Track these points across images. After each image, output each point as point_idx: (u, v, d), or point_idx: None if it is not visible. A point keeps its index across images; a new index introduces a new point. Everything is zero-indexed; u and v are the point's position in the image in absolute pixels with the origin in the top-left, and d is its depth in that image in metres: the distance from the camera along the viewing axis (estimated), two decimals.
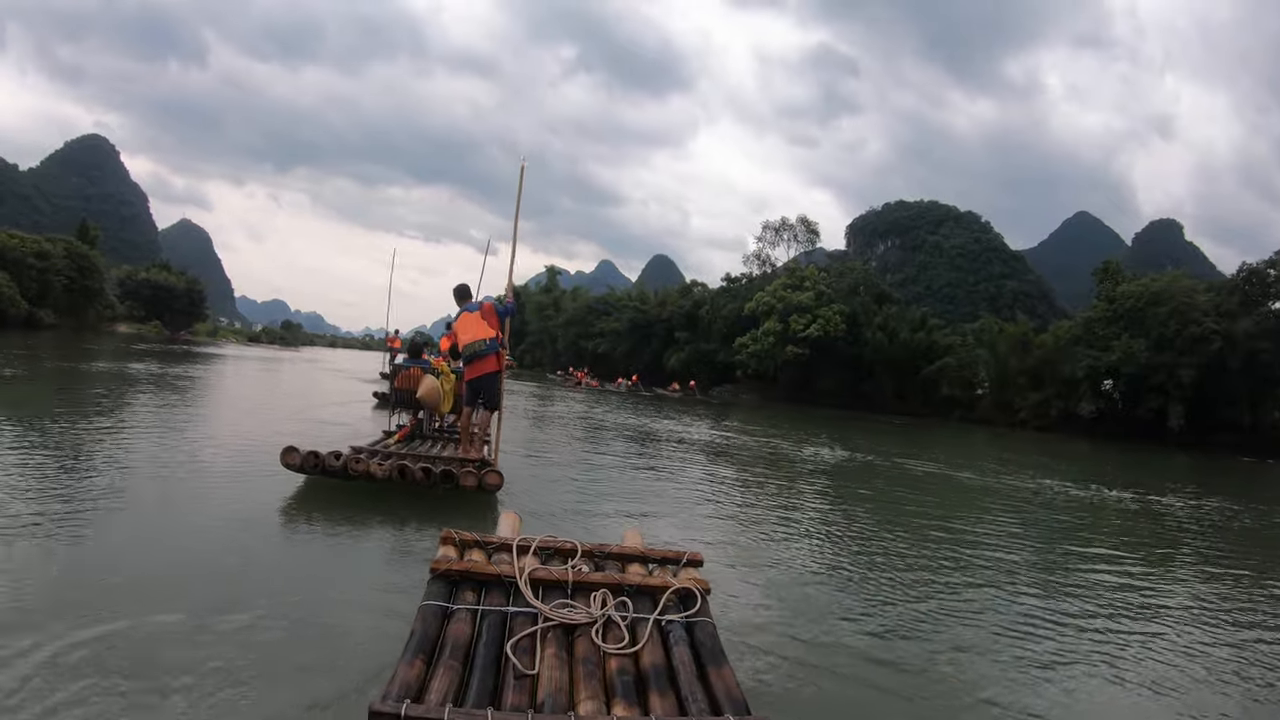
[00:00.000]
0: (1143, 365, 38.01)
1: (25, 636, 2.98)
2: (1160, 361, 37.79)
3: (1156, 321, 38.98)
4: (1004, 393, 44.09)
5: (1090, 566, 6.94)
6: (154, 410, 11.68)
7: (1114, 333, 40.47)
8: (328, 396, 17.49)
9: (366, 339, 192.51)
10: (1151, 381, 38.01)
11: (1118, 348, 39.09)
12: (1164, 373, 37.65)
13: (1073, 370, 40.09)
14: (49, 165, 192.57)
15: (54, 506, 4.98)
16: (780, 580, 5.26)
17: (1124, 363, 38.52)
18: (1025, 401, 42.33)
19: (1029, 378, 42.84)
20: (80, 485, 5.74)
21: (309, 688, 2.87)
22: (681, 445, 14.63)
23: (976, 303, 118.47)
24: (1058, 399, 40.80)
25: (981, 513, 9.62)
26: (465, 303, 7.48)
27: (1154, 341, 38.52)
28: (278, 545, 4.96)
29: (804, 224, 65.87)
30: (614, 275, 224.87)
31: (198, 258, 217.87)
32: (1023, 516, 9.72)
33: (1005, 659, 4.09)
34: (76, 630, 3.09)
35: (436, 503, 6.19)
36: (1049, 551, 7.55)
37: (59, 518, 4.73)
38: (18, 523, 4.50)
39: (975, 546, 7.16)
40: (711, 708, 2.31)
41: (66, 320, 54.83)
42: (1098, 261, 48.94)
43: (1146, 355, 38.10)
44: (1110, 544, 8.30)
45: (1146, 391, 38.26)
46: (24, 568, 3.81)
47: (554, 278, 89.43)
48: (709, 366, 57.55)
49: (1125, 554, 7.69)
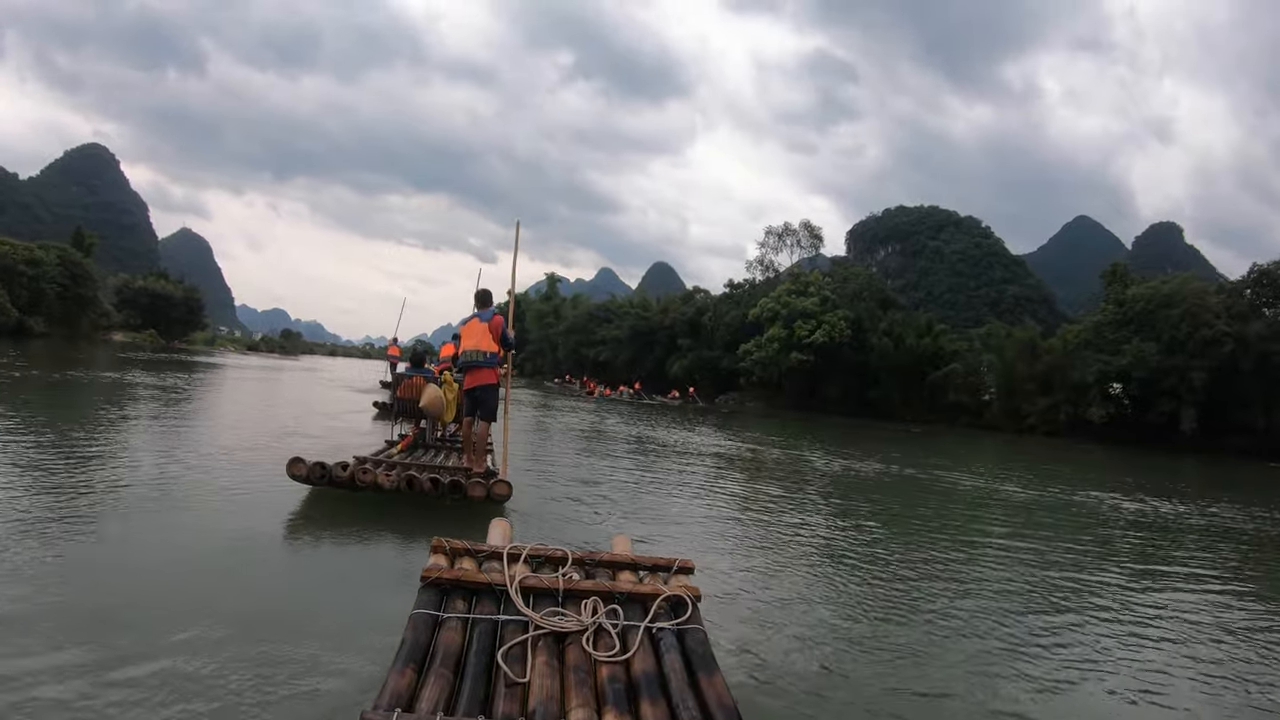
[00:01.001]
0: (1154, 369, 37.89)
1: (60, 653, 3.02)
2: (1172, 365, 37.67)
3: (1168, 324, 38.88)
4: (1012, 399, 43.95)
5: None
6: (136, 424, 11.71)
7: (1124, 336, 40.36)
8: (316, 408, 17.48)
9: (366, 347, 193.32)
10: (1163, 385, 37.87)
11: (1129, 351, 38.97)
12: (1175, 376, 37.52)
13: (1083, 375, 39.96)
14: (49, 174, 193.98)
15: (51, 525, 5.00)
16: (773, 587, 5.27)
17: (1135, 366, 38.39)
18: (1034, 407, 42.18)
19: (1037, 383, 42.70)
20: (69, 518, 5.46)
21: (317, 700, 2.91)
22: (684, 455, 14.62)
23: (978, 308, 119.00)
24: (1066, 404, 40.64)
25: (1042, 528, 9.50)
26: (482, 309, 7.48)
27: (1165, 345, 38.41)
28: (284, 558, 4.98)
29: (807, 229, 65.90)
30: (614, 283, 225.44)
31: (198, 267, 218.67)
32: (1097, 535, 9.40)
33: (1016, 677, 4.07)
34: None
35: (444, 513, 6.20)
36: (1113, 570, 7.52)
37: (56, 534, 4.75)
38: (32, 528, 4.53)
39: (1028, 565, 7.08)
40: (703, 715, 2.33)
41: (59, 329, 54.52)
42: (1098, 266, 48.97)
43: (1158, 358, 37.99)
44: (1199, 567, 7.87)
45: (1158, 395, 38.12)
46: (41, 577, 3.85)
47: (554, 285, 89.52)
48: (712, 374, 57.49)
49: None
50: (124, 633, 3.27)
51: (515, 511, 6.62)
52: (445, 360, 11.14)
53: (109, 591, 3.82)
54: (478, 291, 7.67)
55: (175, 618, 3.50)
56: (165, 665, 3.01)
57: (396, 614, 3.78)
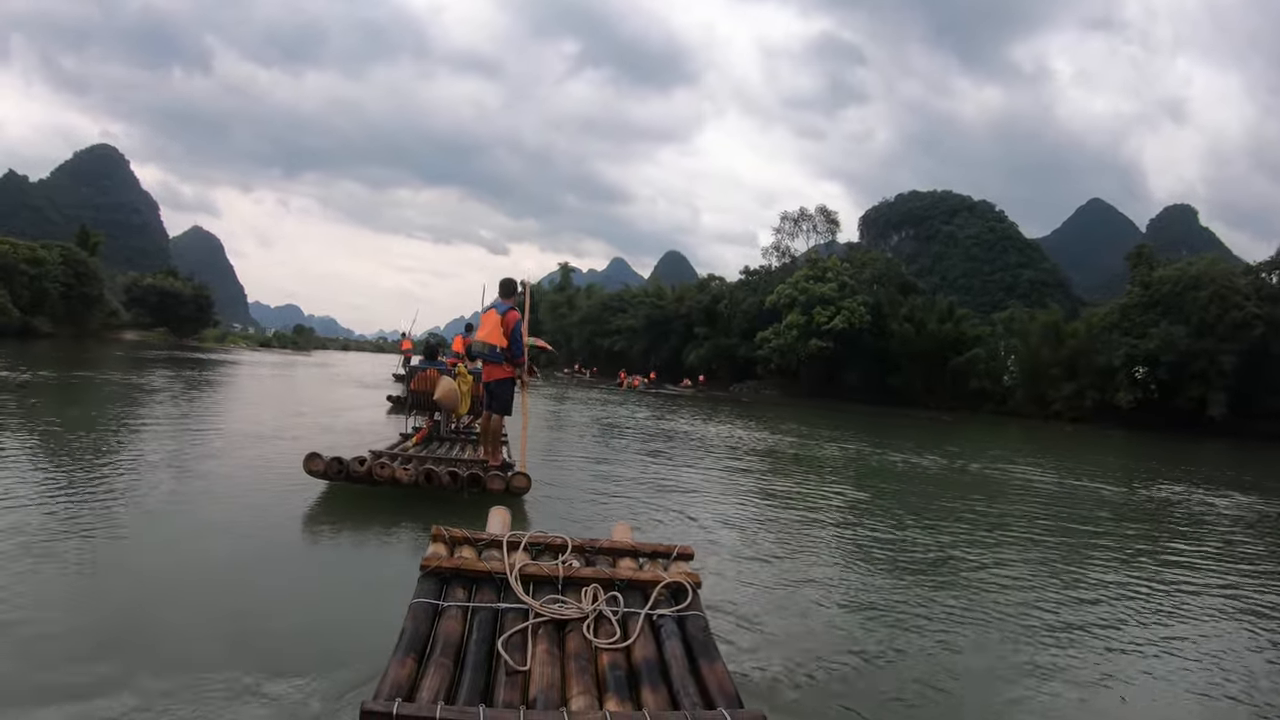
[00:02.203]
0: (1183, 352, 37.37)
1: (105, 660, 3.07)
2: (1200, 348, 37.15)
3: (1196, 307, 38.33)
4: (1036, 384, 43.52)
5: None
6: (147, 425, 11.88)
7: (1151, 319, 39.85)
8: (327, 404, 17.64)
9: (380, 341, 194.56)
10: (1192, 369, 37.36)
11: (1156, 335, 38.47)
12: (1204, 359, 37.00)
13: (1109, 359, 39.50)
14: (59, 176, 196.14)
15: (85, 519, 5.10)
16: (775, 574, 5.27)
17: (1163, 350, 37.89)
18: (1058, 393, 41.77)
19: (1062, 368, 42.26)
20: (96, 521, 5.44)
21: (332, 692, 2.96)
22: (701, 446, 14.62)
23: (993, 293, 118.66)
24: (1092, 389, 40.21)
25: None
26: (504, 298, 7.43)
27: (1194, 328, 37.87)
28: (303, 553, 5.06)
29: (823, 214, 65.55)
30: (626, 273, 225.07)
31: (210, 265, 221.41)
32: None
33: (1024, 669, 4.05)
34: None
35: (463, 507, 6.21)
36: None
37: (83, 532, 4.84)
38: (62, 530, 4.65)
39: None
40: (704, 702, 2.34)
41: (65, 328, 54.19)
42: (1113, 249, 48.53)
43: (1186, 342, 37.46)
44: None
45: (1187, 379, 37.61)
46: (73, 583, 3.94)
47: (568, 276, 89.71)
48: (729, 362, 57.44)
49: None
50: (143, 630, 3.38)
51: (531, 503, 6.68)
52: (455, 354, 11.27)
53: (133, 590, 3.93)
54: (502, 281, 7.62)
55: (194, 613, 3.60)
56: (181, 661, 3.07)
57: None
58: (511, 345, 7.26)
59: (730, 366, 57.33)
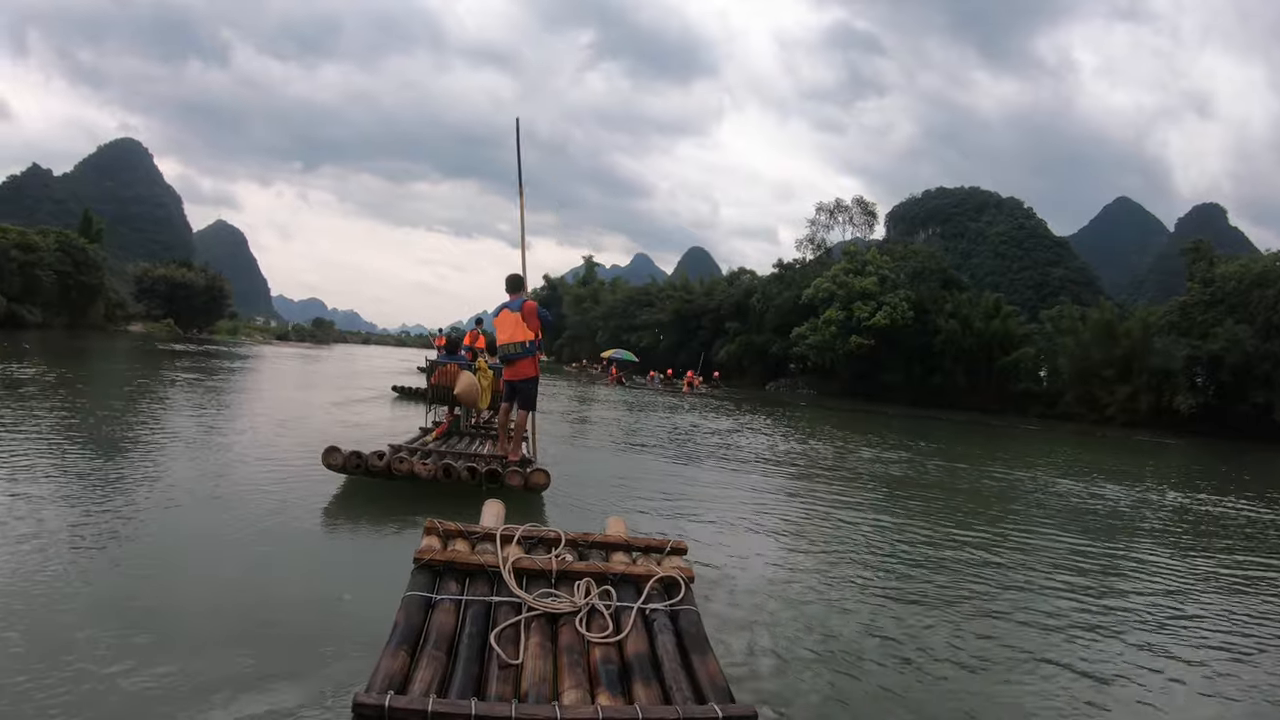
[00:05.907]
0: (1248, 354, 36.29)
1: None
2: (1268, 350, 36.00)
3: (1263, 305, 37.12)
4: (1087, 386, 42.54)
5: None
6: (155, 423, 12.19)
7: (1214, 318, 38.71)
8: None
9: (402, 335, 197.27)
10: (1257, 372, 36.27)
11: (1221, 335, 37.36)
12: (1271, 362, 35.88)
13: (1168, 360, 38.48)
14: (83, 169, 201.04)
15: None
16: (768, 571, 5.32)
17: (1228, 351, 36.80)
18: (1112, 396, 40.77)
19: (1115, 369, 41.25)
20: (115, 517, 5.58)
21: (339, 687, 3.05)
22: (734, 456, 14.48)
23: (1023, 291, 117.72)
24: (1148, 392, 39.21)
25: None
26: (512, 296, 7.51)
27: (1260, 328, 36.74)
28: (320, 548, 5.23)
29: (860, 205, 64.84)
30: (649, 268, 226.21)
31: (233, 258, 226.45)
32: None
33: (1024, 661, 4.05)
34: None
35: (481, 502, 6.31)
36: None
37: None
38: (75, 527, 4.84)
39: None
40: (696, 696, 2.40)
41: (59, 319, 52.71)
42: (1140, 248, 47.11)
43: (1253, 343, 36.36)
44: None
45: (1252, 383, 36.52)
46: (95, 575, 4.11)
47: (592, 269, 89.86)
48: (760, 359, 56.96)
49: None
50: (163, 622, 3.55)
51: (548, 499, 6.79)
52: (468, 348, 11.55)
53: (155, 584, 4.10)
54: (508, 277, 7.70)
55: (211, 608, 3.78)
56: (198, 653, 3.21)
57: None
58: (542, 324, 7.43)
59: (762, 364, 56.86)
